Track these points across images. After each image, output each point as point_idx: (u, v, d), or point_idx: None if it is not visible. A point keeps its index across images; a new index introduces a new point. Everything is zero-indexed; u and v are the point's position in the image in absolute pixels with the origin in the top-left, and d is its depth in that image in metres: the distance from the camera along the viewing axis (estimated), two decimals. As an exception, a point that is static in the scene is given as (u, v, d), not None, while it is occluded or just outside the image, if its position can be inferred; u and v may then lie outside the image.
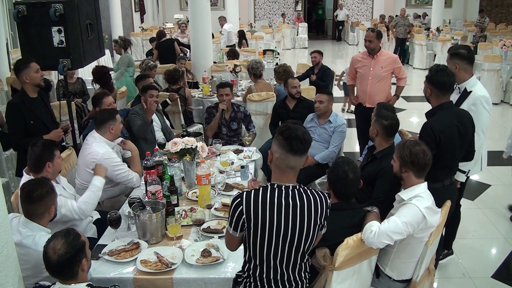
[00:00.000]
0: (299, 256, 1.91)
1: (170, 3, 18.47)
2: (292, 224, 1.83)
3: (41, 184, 2.29)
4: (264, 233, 1.83)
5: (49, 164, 2.66)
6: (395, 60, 4.68)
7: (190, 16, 6.98)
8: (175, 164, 3.15)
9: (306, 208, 1.84)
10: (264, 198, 1.82)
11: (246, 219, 1.83)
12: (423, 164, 2.35)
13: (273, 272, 1.90)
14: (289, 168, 1.85)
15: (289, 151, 1.81)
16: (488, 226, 4.11)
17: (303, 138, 1.79)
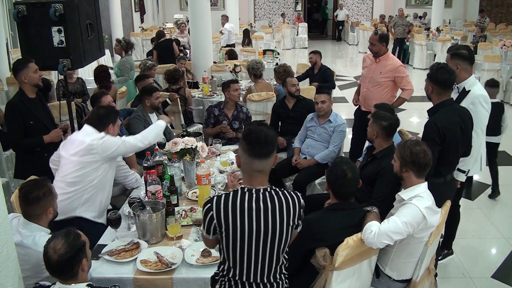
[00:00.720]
0: (274, 258, 1.88)
1: (170, 3, 18.47)
2: (264, 227, 1.81)
3: (39, 186, 2.28)
4: (236, 237, 1.82)
5: (112, 126, 2.93)
6: (397, 68, 4.34)
7: (190, 16, 6.98)
8: (175, 164, 3.15)
9: (278, 210, 1.82)
10: (234, 203, 1.81)
11: (217, 224, 1.83)
12: (423, 164, 2.35)
13: (246, 274, 1.89)
14: (256, 171, 1.83)
15: (252, 155, 1.80)
16: (488, 226, 4.11)
17: (264, 141, 1.77)
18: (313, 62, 6.42)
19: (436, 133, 2.74)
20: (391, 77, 4.32)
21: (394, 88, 4.39)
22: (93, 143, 2.76)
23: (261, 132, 1.79)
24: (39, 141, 3.42)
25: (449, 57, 3.12)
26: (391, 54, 4.46)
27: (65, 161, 2.82)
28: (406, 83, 4.35)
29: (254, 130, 1.82)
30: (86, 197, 2.80)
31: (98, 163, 2.78)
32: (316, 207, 2.72)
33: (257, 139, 1.78)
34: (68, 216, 2.77)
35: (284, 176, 4.24)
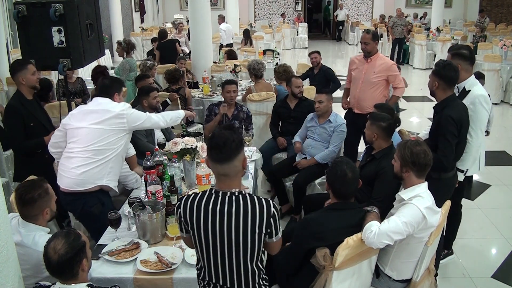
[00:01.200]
0: (241, 265, 1.85)
1: (170, 3, 18.47)
2: (227, 231, 1.79)
3: (35, 187, 2.28)
4: (201, 237, 1.83)
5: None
6: (390, 67, 4.32)
7: (190, 16, 6.99)
8: (175, 164, 3.15)
9: (242, 215, 1.78)
10: (199, 204, 1.82)
11: (184, 222, 1.87)
12: (423, 164, 2.35)
13: (215, 276, 1.89)
14: (222, 175, 1.82)
15: (212, 160, 1.80)
16: (488, 226, 4.11)
17: (223, 146, 1.75)
18: (317, 62, 6.41)
19: (454, 126, 2.79)
20: (384, 76, 4.28)
21: (386, 87, 4.37)
22: (123, 112, 2.85)
23: (221, 137, 1.78)
24: (41, 143, 3.40)
25: (450, 56, 3.14)
26: (380, 53, 4.44)
27: (85, 131, 2.82)
28: (399, 81, 4.35)
29: (216, 134, 1.82)
30: (111, 166, 2.87)
31: (123, 133, 2.89)
32: (316, 207, 2.72)
33: (215, 144, 1.77)
34: (96, 185, 2.84)
35: (284, 176, 4.24)
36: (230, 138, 1.78)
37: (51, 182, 2.50)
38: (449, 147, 2.81)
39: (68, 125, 2.91)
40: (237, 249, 1.81)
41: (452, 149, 2.83)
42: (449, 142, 2.80)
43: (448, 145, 2.81)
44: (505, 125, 7.35)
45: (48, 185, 2.37)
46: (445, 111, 2.85)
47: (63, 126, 2.94)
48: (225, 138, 1.77)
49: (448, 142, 2.80)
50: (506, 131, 7.06)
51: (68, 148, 2.88)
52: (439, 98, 2.95)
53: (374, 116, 3.12)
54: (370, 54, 4.30)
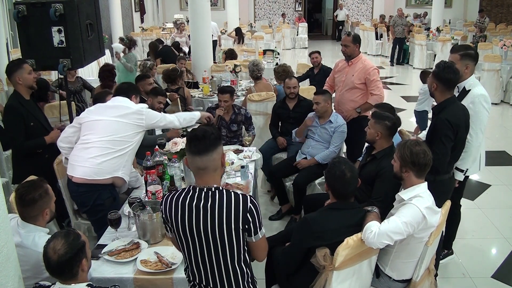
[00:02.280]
0: (228, 261, 1.84)
1: (170, 3, 18.47)
2: (203, 226, 1.79)
3: (35, 187, 2.28)
4: (180, 235, 1.85)
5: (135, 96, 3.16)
6: (368, 70, 4.13)
7: (190, 16, 6.98)
8: (175, 164, 3.15)
9: (217, 210, 1.78)
10: (177, 201, 1.85)
11: (166, 220, 1.89)
12: (423, 164, 2.35)
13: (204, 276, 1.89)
14: (199, 169, 1.82)
15: (191, 153, 1.81)
16: (488, 226, 4.11)
17: (202, 136, 1.78)
18: (318, 62, 6.42)
19: (450, 129, 2.77)
20: (362, 80, 4.16)
21: (367, 93, 4.20)
22: (142, 110, 2.97)
23: (200, 130, 1.82)
24: (41, 142, 3.40)
25: (459, 57, 3.08)
26: (364, 56, 4.30)
27: (104, 123, 2.90)
28: (375, 87, 4.14)
29: (196, 128, 1.89)
30: (126, 159, 2.96)
31: (140, 129, 2.98)
32: (316, 207, 2.72)
33: (194, 135, 1.81)
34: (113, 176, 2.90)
35: (284, 176, 4.24)
36: (209, 131, 1.82)
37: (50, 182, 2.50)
38: (444, 151, 2.77)
39: (85, 119, 2.98)
40: (215, 245, 1.81)
41: (447, 153, 2.80)
42: (444, 145, 2.76)
43: (443, 149, 2.76)
44: (505, 125, 7.35)
45: (48, 186, 2.36)
46: (442, 114, 2.82)
47: (78, 121, 3.01)
48: (204, 131, 1.82)
49: (443, 145, 2.76)
50: (506, 131, 7.06)
51: (83, 140, 2.93)
52: (438, 99, 2.94)
53: (378, 115, 3.10)
54: (350, 57, 4.20)
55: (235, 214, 1.78)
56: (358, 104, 4.21)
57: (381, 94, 4.16)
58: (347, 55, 4.23)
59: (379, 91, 4.15)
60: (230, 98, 4.33)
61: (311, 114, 4.18)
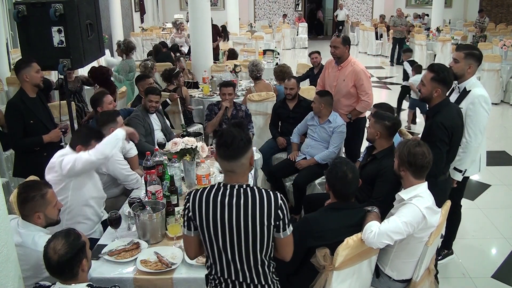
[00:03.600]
0: (251, 257, 1.87)
1: (170, 3, 18.47)
2: (236, 223, 1.81)
3: (32, 188, 2.29)
4: (210, 231, 1.84)
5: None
6: (358, 73, 4.01)
7: (190, 16, 6.98)
8: (175, 164, 3.15)
9: (250, 206, 1.81)
10: (208, 197, 1.84)
11: (192, 216, 1.86)
12: (420, 166, 2.34)
13: (227, 272, 1.90)
14: (229, 171, 1.86)
15: (220, 157, 1.85)
16: (488, 226, 4.10)
17: (230, 144, 1.79)
18: (317, 62, 6.43)
19: (445, 134, 2.76)
20: (354, 82, 4.05)
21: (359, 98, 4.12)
22: (53, 161, 2.72)
23: (229, 135, 1.82)
24: (39, 141, 3.43)
25: (463, 55, 3.05)
26: (353, 59, 4.17)
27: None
28: (363, 92, 4.05)
29: (224, 132, 1.87)
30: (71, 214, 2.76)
31: (63, 182, 2.69)
32: (316, 207, 2.72)
33: (223, 142, 1.82)
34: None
35: (284, 176, 4.24)
36: (238, 136, 1.82)
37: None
38: (439, 155, 2.76)
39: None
40: (246, 240, 1.83)
41: (442, 157, 2.80)
42: (440, 150, 2.76)
43: (438, 153, 2.74)
44: (505, 125, 7.35)
45: (49, 190, 2.33)
46: (437, 117, 2.81)
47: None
48: (233, 137, 1.81)
49: (438, 149, 2.74)
50: (506, 131, 7.06)
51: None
52: (434, 102, 2.90)
53: (378, 115, 3.11)
54: (340, 60, 4.10)
55: (268, 211, 1.82)
56: (352, 108, 4.17)
57: (369, 101, 4.08)
58: (336, 57, 4.12)
59: (368, 98, 4.07)
60: (233, 90, 4.46)
61: (311, 113, 4.18)
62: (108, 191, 3.36)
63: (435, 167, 2.71)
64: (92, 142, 2.75)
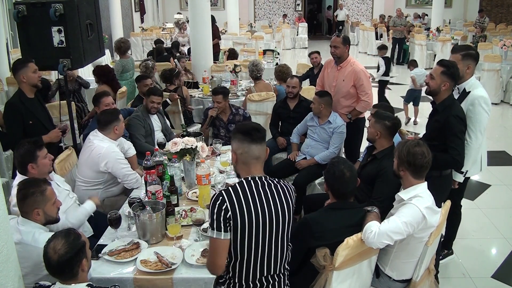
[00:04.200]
0: (284, 243, 1.99)
1: (170, 3, 18.47)
2: (275, 211, 1.90)
3: (32, 184, 2.30)
4: (252, 227, 1.85)
5: (32, 166, 2.62)
6: (358, 72, 4.01)
7: (190, 16, 6.98)
8: (175, 164, 3.15)
9: (282, 194, 1.95)
10: (244, 191, 1.88)
11: (232, 215, 1.82)
12: (419, 166, 2.34)
13: (266, 267, 1.94)
14: (255, 159, 1.95)
15: (251, 142, 1.93)
16: (488, 226, 4.11)
17: (258, 127, 1.98)
18: (317, 62, 6.44)
19: (462, 124, 2.88)
20: (353, 83, 4.05)
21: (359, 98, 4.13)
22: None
23: (251, 123, 2.04)
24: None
25: (461, 57, 3.09)
26: (353, 59, 4.16)
27: None
28: (363, 92, 4.06)
29: (244, 123, 2.07)
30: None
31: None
32: (316, 207, 2.72)
33: (251, 127, 1.97)
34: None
35: (284, 176, 4.23)
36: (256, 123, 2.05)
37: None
38: (462, 145, 2.90)
39: None
40: (277, 227, 1.92)
41: (464, 146, 2.92)
42: (461, 140, 2.88)
43: (461, 144, 2.88)
44: (505, 125, 7.35)
45: (48, 188, 2.35)
46: (452, 111, 2.87)
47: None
48: (257, 124, 2.03)
49: (460, 140, 2.87)
50: (506, 131, 7.06)
51: None
52: (442, 97, 2.95)
53: (379, 115, 3.11)
54: (340, 59, 4.10)
55: (290, 197, 1.98)
56: (352, 108, 4.17)
57: (369, 101, 4.09)
58: (336, 57, 4.11)
59: (368, 98, 4.08)
60: (223, 99, 4.34)
61: (311, 114, 4.18)
62: (108, 190, 3.37)
63: (461, 158, 2.86)
64: (37, 153, 2.66)
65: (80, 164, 3.34)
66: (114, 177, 3.28)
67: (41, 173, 2.64)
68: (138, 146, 3.86)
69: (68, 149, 3.53)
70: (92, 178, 3.26)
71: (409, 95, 7.11)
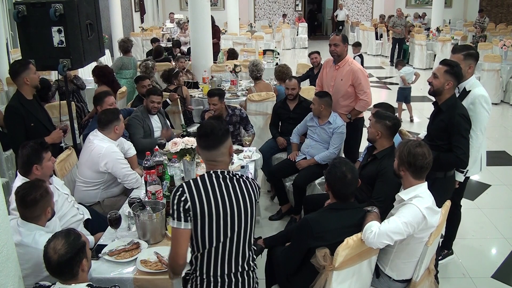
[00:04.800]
0: (247, 240, 1.98)
1: (170, 3, 18.46)
2: (236, 202, 1.91)
3: (35, 188, 2.28)
4: (212, 218, 1.87)
5: (37, 167, 2.62)
6: (355, 72, 4.01)
7: (190, 16, 6.98)
8: (175, 164, 3.15)
9: (244, 187, 1.94)
10: (204, 183, 1.89)
11: (191, 207, 1.85)
12: (419, 167, 2.34)
13: (227, 262, 1.94)
14: (211, 161, 1.95)
15: (201, 147, 1.95)
16: (488, 226, 4.11)
17: (210, 133, 1.90)
18: (317, 62, 6.44)
19: (467, 123, 2.89)
20: (351, 82, 4.05)
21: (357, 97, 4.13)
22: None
23: (208, 126, 1.93)
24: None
25: (463, 57, 3.11)
26: (351, 58, 4.17)
27: None
28: (361, 91, 4.05)
29: (204, 123, 2.01)
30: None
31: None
32: (316, 207, 2.72)
33: (203, 133, 1.92)
34: None
35: (284, 176, 4.24)
36: (217, 127, 1.93)
37: None
38: (467, 144, 2.91)
39: None
40: (245, 224, 1.93)
41: (468, 146, 2.92)
42: (466, 139, 2.89)
43: (466, 143, 2.89)
44: (505, 125, 7.35)
45: (47, 185, 2.37)
46: (456, 110, 2.88)
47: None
48: (212, 127, 1.92)
49: (465, 139, 2.89)
50: (506, 131, 7.06)
51: None
52: (445, 97, 2.96)
53: (379, 115, 3.11)
54: (339, 58, 4.09)
55: (254, 195, 1.98)
56: (348, 109, 4.16)
57: (368, 100, 4.08)
58: (336, 55, 4.09)
59: (366, 97, 4.07)
60: (219, 101, 4.24)
61: (311, 114, 4.18)
62: (108, 190, 3.37)
63: (466, 157, 2.87)
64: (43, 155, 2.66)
65: (80, 164, 3.34)
66: (114, 177, 3.28)
67: (43, 175, 2.64)
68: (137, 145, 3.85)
69: (68, 149, 3.52)
70: (92, 178, 3.26)
71: (399, 93, 7.26)
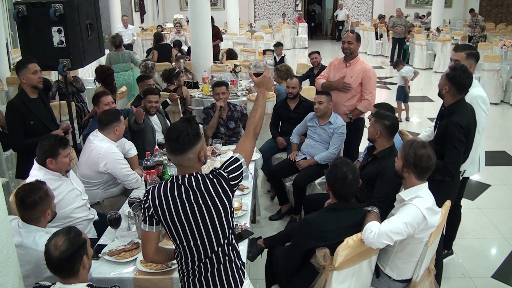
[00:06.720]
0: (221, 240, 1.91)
1: (170, 3, 18.48)
2: (198, 209, 1.85)
3: (35, 190, 2.28)
4: (175, 222, 1.86)
5: (51, 161, 2.70)
6: (368, 71, 4.04)
7: (190, 16, 6.98)
8: (175, 164, 3.15)
9: (211, 188, 1.87)
10: (165, 191, 1.87)
11: (154, 212, 1.87)
12: (425, 168, 2.34)
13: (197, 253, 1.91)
14: (178, 165, 1.93)
15: (167, 151, 1.92)
16: (488, 226, 4.11)
17: (176, 139, 1.82)
18: (317, 62, 6.45)
19: (462, 134, 2.77)
20: (360, 81, 4.07)
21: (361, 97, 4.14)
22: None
23: (175, 129, 1.84)
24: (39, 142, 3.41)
25: (465, 56, 3.10)
26: (361, 58, 4.20)
27: None
28: (367, 90, 4.07)
29: (172, 126, 1.90)
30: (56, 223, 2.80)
31: None
32: (316, 207, 2.72)
33: (170, 136, 1.85)
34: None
35: (284, 176, 4.24)
36: (184, 131, 1.83)
37: None
38: (457, 155, 2.79)
39: None
40: (212, 219, 1.87)
41: (460, 156, 2.81)
42: (457, 149, 2.78)
43: (456, 153, 2.78)
44: (505, 125, 7.35)
45: (48, 187, 2.37)
46: (453, 117, 2.81)
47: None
48: (179, 131, 1.83)
49: (456, 149, 2.77)
50: (506, 131, 7.06)
51: None
52: (447, 102, 2.92)
53: (379, 114, 3.12)
54: (351, 55, 4.10)
55: (222, 187, 1.89)
56: (354, 106, 4.15)
57: (371, 101, 4.07)
58: (349, 52, 4.09)
59: (370, 97, 4.07)
60: (226, 90, 4.45)
61: (311, 114, 4.18)
62: (108, 190, 3.37)
63: (454, 167, 2.78)
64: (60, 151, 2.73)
65: (80, 165, 3.34)
66: (113, 177, 3.28)
67: (57, 169, 2.75)
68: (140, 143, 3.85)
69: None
70: (91, 179, 3.26)
71: (399, 92, 7.33)
